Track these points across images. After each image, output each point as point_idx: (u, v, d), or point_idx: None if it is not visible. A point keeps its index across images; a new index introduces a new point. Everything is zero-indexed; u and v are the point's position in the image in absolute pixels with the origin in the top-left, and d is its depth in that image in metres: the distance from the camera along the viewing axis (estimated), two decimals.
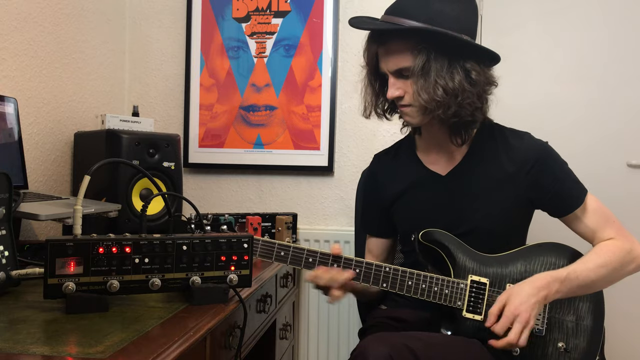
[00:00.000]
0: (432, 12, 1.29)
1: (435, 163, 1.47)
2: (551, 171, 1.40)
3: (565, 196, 1.40)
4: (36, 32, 1.77)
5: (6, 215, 1.07)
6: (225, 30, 2.26)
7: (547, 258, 1.38)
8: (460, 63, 1.31)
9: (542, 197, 1.40)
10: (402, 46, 1.32)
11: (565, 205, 1.40)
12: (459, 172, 1.44)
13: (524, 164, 1.39)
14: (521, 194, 1.40)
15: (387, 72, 1.36)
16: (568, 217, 1.41)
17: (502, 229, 1.41)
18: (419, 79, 1.31)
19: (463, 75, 1.31)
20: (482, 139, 1.43)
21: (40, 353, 0.76)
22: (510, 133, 1.45)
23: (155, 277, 1.01)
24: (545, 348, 1.33)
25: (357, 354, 1.16)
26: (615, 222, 1.40)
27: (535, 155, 1.40)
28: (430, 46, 1.29)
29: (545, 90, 2.28)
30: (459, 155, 1.45)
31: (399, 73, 1.34)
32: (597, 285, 1.34)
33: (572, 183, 1.40)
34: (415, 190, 1.47)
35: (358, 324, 2.00)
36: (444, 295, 1.31)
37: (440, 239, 1.36)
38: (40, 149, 1.80)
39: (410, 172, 1.50)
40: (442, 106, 1.30)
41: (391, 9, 1.36)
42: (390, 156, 1.57)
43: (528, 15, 2.29)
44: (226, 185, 2.31)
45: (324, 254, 1.31)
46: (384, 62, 1.36)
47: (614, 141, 2.22)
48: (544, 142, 1.43)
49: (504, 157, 1.41)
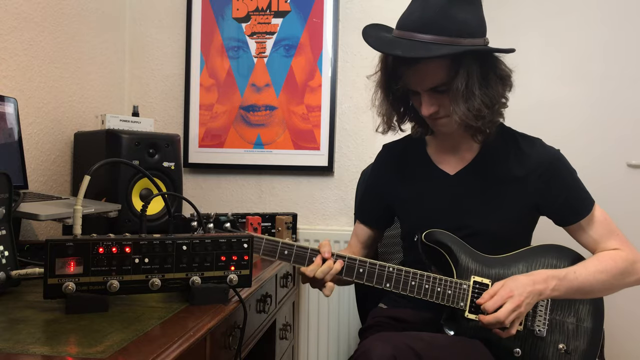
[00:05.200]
0: (459, 24, 1.26)
1: (445, 162, 1.46)
2: (562, 179, 1.39)
3: (572, 206, 1.39)
4: (36, 32, 1.77)
5: (6, 215, 1.07)
6: (225, 30, 2.26)
7: (549, 260, 1.38)
8: (493, 70, 1.31)
9: (549, 204, 1.39)
10: (437, 65, 1.28)
11: (572, 215, 1.39)
12: (467, 172, 1.43)
13: (535, 169, 1.38)
14: (528, 199, 1.39)
15: (420, 90, 1.32)
16: (573, 226, 1.40)
17: (506, 232, 1.40)
18: (459, 94, 1.27)
19: (499, 81, 1.31)
20: (493, 141, 1.42)
21: (40, 353, 0.76)
22: (522, 138, 1.44)
23: (155, 277, 1.01)
24: (546, 349, 1.33)
25: (360, 354, 1.16)
26: (620, 235, 1.39)
27: (547, 161, 1.39)
28: (466, 60, 1.27)
29: (545, 90, 2.27)
30: (469, 155, 1.44)
31: (433, 89, 1.31)
32: (594, 291, 1.34)
33: (581, 193, 1.40)
34: (423, 188, 1.47)
35: (358, 324, 2.00)
36: (447, 295, 1.31)
37: (443, 239, 1.36)
38: (40, 149, 1.79)
39: (419, 169, 1.49)
40: (481, 118, 1.30)
41: (414, 25, 1.27)
42: (399, 149, 1.55)
43: (528, 16, 2.29)
44: (226, 185, 2.31)
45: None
46: (416, 82, 1.31)
47: (614, 141, 2.22)
48: (556, 149, 1.42)
49: (513, 161, 1.40)
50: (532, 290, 1.25)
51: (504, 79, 1.33)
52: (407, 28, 1.28)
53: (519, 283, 1.25)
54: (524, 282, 1.26)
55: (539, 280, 1.27)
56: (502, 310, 1.21)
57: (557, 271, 1.31)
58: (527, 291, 1.24)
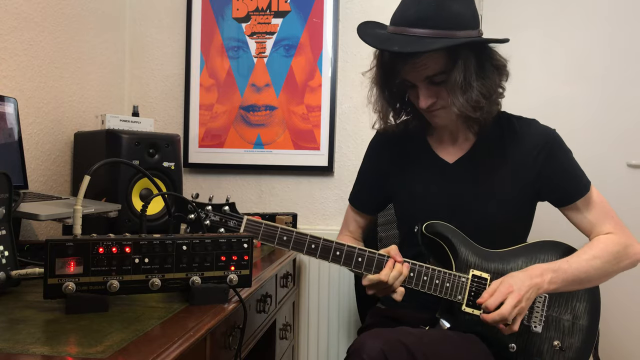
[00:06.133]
0: (454, 17, 1.26)
1: (444, 150, 1.47)
2: (558, 158, 1.40)
3: (569, 185, 1.40)
4: (36, 32, 1.77)
5: (6, 215, 1.07)
6: (225, 30, 2.26)
7: (548, 256, 1.38)
8: (489, 61, 1.32)
9: (547, 183, 1.40)
10: (434, 57, 1.28)
11: (568, 195, 1.40)
12: (466, 160, 1.43)
13: (531, 149, 1.39)
14: (527, 181, 1.40)
15: (416, 82, 1.32)
16: (569, 207, 1.40)
17: (506, 220, 1.41)
18: (457, 87, 1.28)
19: (495, 71, 1.32)
20: (490, 128, 1.42)
21: (40, 353, 0.76)
22: (518, 120, 1.45)
23: (155, 277, 1.01)
24: (541, 345, 1.34)
25: (353, 350, 1.17)
26: (615, 218, 1.40)
27: (542, 140, 1.40)
28: (463, 52, 1.27)
29: (545, 90, 2.28)
30: (467, 143, 1.44)
31: (429, 80, 1.31)
32: (590, 278, 1.34)
33: (577, 173, 1.41)
34: (421, 175, 1.47)
35: (358, 323, 2.00)
36: (445, 288, 1.31)
37: (444, 231, 1.36)
38: (40, 149, 1.79)
39: (417, 156, 1.49)
40: (479, 109, 1.30)
41: (409, 20, 1.28)
42: (396, 135, 1.52)
43: (528, 15, 2.29)
44: (226, 185, 2.31)
45: (326, 241, 1.30)
46: (413, 74, 1.31)
47: (614, 141, 2.22)
48: (552, 128, 1.43)
49: (511, 145, 1.41)
50: (530, 284, 1.25)
51: (499, 68, 1.34)
52: (402, 23, 1.29)
53: (517, 279, 1.26)
54: (521, 277, 1.27)
55: (535, 274, 1.28)
56: (505, 306, 1.22)
57: (551, 263, 1.32)
58: (525, 285, 1.25)
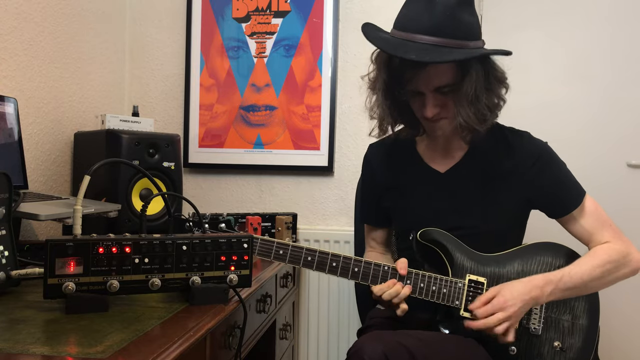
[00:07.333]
0: (465, 27, 1.26)
1: (435, 160, 1.47)
2: (550, 171, 1.40)
3: (563, 196, 1.39)
4: (36, 32, 1.77)
5: (6, 215, 1.07)
6: (225, 30, 2.26)
7: (544, 258, 1.38)
8: (492, 72, 1.32)
9: (540, 196, 1.40)
10: (446, 67, 1.28)
11: (563, 206, 1.40)
12: (458, 170, 1.44)
13: (523, 163, 1.39)
14: (519, 193, 1.40)
15: (425, 91, 1.31)
16: (565, 218, 1.41)
17: (499, 228, 1.41)
18: (466, 99, 1.27)
19: (498, 83, 1.32)
20: (482, 138, 1.42)
21: (40, 353, 0.76)
22: (510, 132, 1.45)
23: (155, 277, 1.01)
24: (542, 347, 1.34)
25: (353, 353, 1.17)
26: (612, 226, 1.40)
27: (535, 154, 1.39)
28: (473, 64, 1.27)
29: (545, 90, 2.28)
30: (459, 153, 1.45)
31: (438, 90, 1.31)
32: (590, 287, 1.34)
33: (571, 184, 1.41)
34: (414, 187, 1.47)
35: (358, 324, 2.00)
36: (442, 294, 1.32)
37: (439, 238, 1.36)
38: (40, 149, 1.79)
39: (409, 168, 1.49)
40: (484, 122, 1.31)
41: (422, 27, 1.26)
42: (387, 148, 1.53)
43: (528, 15, 2.29)
44: (226, 185, 2.31)
45: (322, 253, 1.31)
46: (423, 83, 1.30)
47: (614, 141, 2.22)
48: (544, 142, 1.43)
49: (503, 156, 1.41)
50: (527, 300, 1.25)
51: (502, 81, 1.34)
52: (414, 30, 1.26)
53: (515, 292, 1.25)
54: (520, 291, 1.26)
55: (535, 286, 1.27)
56: (492, 318, 1.22)
57: (553, 274, 1.31)
58: (519, 301, 1.24)
